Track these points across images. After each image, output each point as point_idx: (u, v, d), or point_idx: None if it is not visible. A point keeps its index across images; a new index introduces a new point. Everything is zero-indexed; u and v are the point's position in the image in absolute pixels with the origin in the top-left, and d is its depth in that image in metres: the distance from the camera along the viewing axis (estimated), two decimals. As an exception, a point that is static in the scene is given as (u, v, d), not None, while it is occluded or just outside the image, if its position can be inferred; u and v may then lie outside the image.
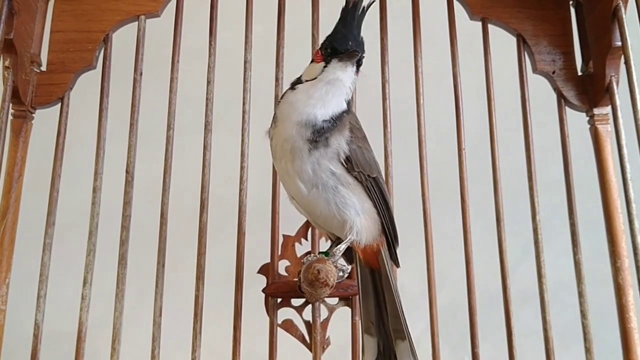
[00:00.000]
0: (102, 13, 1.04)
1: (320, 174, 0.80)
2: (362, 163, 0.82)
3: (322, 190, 0.80)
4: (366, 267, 0.88)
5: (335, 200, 0.81)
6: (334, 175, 0.80)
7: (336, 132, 0.80)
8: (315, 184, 0.80)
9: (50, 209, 0.96)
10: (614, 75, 0.97)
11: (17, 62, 0.93)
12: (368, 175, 0.82)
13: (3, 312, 0.92)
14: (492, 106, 1.03)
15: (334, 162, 0.80)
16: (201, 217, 0.98)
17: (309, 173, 0.80)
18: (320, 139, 0.79)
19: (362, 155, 0.82)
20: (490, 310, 0.96)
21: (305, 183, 0.81)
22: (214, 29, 1.05)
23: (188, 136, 1.04)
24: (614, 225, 0.95)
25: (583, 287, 0.95)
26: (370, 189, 0.83)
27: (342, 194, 0.81)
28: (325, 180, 0.80)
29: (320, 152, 0.79)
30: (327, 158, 0.80)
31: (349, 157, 0.81)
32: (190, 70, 1.08)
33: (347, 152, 0.80)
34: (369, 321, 0.87)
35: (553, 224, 0.99)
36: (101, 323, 0.97)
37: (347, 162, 0.81)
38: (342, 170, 0.81)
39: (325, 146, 0.79)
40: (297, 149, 0.80)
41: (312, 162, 0.79)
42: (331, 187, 0.80)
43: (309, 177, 0.80)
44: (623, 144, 0.92)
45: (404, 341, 0.85)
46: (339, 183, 0.81)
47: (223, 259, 1.00)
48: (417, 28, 1.06)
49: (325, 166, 0.80)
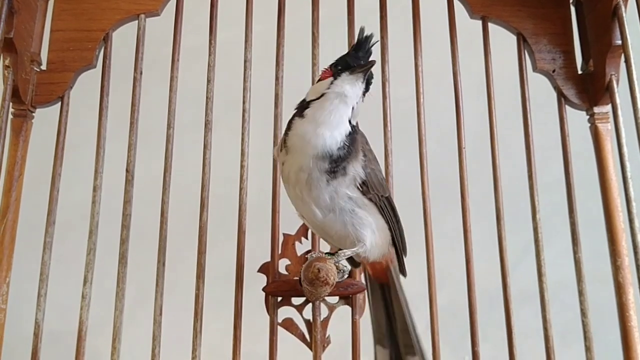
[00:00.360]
0: (102, 12, 1.03)
1: (338, 200, 0.81)
2: (376, 185, 0.83)
3: (339, 214, 0.81)
4: (376, 283, 0.89)
5: (353, 222, 0.82)
6: (351, 199, 0.81)
7: (352, 158, 0.80)
8: (332, 209, 0.81)
9: (51, 208, 0.96)
10: (614, 73, 0.97)
11: (17, 61, 0.93)
12: (382, 196, 0.84)
13: (3, 311, 0.92)
14: (492, 105, 1.03)
15: (351, 187, 0.81)
16: (201, 216, 0.98)
17: (327, 201, 0.81)
18: (339, 169, 0.79)
19: (375, 177, 0.83)
20: (490, 310, 0.96)
21: (322, 209, 0.81)
22: (214, 28, 1.05)
23: (188, 135, 1.04)
24: (614, 224, 0.95)
25: (583, 286, 0.95)
26: (383, 208, 0.84)
27: (360, 215, 0.82)
28: (343, 205, 0.81)
29: (339, 181, 0.80)
30: (345, 185, 0.80)
31: (365, 182, 0.81)
32: (190, 69, 1.08)
33: (364, 176, 0.81)
34: (380, 333, 0.88)
35: (553, 223, 0.99)
36: (101, 322, 0.97)
37: (362, 186, 0.82)
38: (359, 194, 0.82)
39: (344, 175, 0.80)
40: (314, 179, 0.79)
41: (330, 191, 0.80)
42: (348, 210, 0.81)
43: (326, 204, 0.81)
44: (623, 143, 0.92)
45: (414, 357, 0.86)
46: (356, 206, 0.81)
47: (223, 258, 1.00)
48: (417, 27, 1.06)
49: (343, 193, 0.80)
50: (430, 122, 1.03)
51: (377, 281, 0.89)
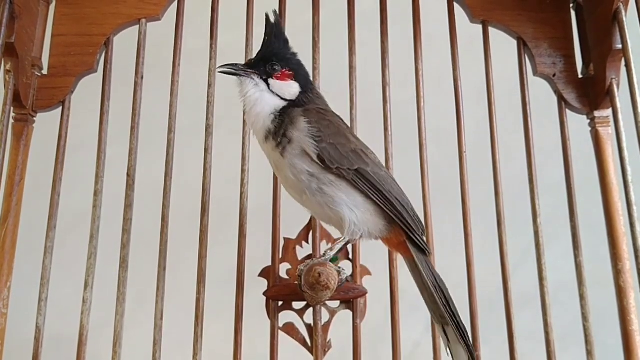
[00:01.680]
0: (103, 17, 1.04)
1: (299, 176, 0.84)
2: (337, 159, 0.84)
3: (311, 195, 0.84)
4: (406, 257, 0.89)
5: (326, 202, 0.84)
6: (313, 176, 0.84)
7: (289, 124, 0.85)
8: (302, 189, 0.85)
9: (52, 212, 0.96)
10: (615, 77, 0.97)
11: (19, 65, 0.94)
12: (348, 169, 0.84)
13: (5, 316, 0.92)
14: (492, 109, 1.03)
15: (307, 162, 0.84)
16: (202, 220, 0.98)
17: (292, 178, 0.85)
18: (280, 137, 0.85)
19: (335, 151, 0.84)
20: (489, 313, 0.96)
21: (295, 190, 0.86)
22: (214, 32, 1.05)
23: (189, 139, 1.04)
24: (615, 228, 0.95)
25: (584, 290, 0.95)
26: (356, 182, 0.84)
27: (329, 193, 0.84)
28: (308, 183, 0.84)
29: (289, 151, 0.84)
30: (297, 156, 0.84)
31: (321, 156, 0.83)
32: (191, 73, 1.08)
33: (317, 150, 0.83)
34: (430, 309, 0.88)
35: (552, 227, 0.99)
36: (101, 326, 0.97)
37: (321, 162, 0.83)
38: (319, 170, 0.84)
39: (289, 142, 0.84)
40: (276, 160, 0.86)
41: (289, 165, 0.84)
42: (315, 189, 0.84)
43: (294, 183, 0.85)
44: (624, 147, 0.92)
45: (448, 327, 0.85)
46: (321, 183, 0.84)
47: (223, 262, 1.00)
48: (417, 31, 1.06)
49: (301, 167, 0.84)
50: (430, 126, 1.03)
51: (406, 257, 0.89)
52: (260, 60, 0.90)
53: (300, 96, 0.90)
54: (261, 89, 0.89)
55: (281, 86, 0.89)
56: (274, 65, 0.89)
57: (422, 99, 1.03)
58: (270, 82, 0.89)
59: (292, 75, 0.90)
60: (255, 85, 0.89)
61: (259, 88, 0.89)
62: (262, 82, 0.89)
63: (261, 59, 0.90)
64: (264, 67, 0.90)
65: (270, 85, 0.89)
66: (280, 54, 0.91)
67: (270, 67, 0.89)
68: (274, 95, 0.89)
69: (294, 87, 0.90)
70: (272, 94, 0.89)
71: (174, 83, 1.03)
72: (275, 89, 0.89)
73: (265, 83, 0.89)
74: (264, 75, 0.89)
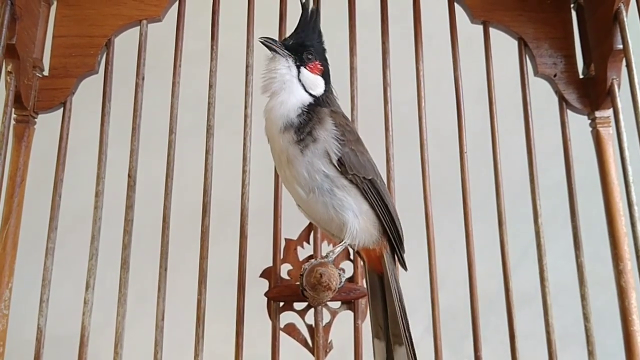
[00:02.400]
0: (104, 18, 1.04)
1: (314, 175, 0.82)
2: (356, 165, 0.83)
3: (319, 194, 0.82)
4: (373, 272, 0.89)
5: (333, 204, 0.83)
6: (328, 177, 0.82)
7: (316, 124, 0.83)
8: (311, 187, 0.82)
9: (53, 213, 0.96)
10: (616, 78, 0.97)
11: (20, 67, 0.94)
12: (364, 178, 0.84)
13: (6, 317, 0.92)
14: (493, 109, 1.03)
15: (325, 163, 0.82)
16: (203, 221, 0.98)
17: (305, 176, 0.82)
18: (305, 135, 0.82)
19: (355, 158, 0.83)
20: (488, 313, 0.96)
21: (303, 187, 0.83)
22: (215, 33, 1.05)
23: (190, 140, 1.04)
24: (616, 228, 0.95)
25: (585, 290, 0.95)
26: (366, 191, 0.84)
27: (339, 196, 0.83)
28: (320, 183, 0.82)
29: (312, 150, 0.82)
30: (318, 156, 0.82)
31: (342, 160, 0.82)
32: (192, 75, 1.08)
33: (339, 154, 0.82)
34: (377, 325, 0.88)
35: (551, 228, 0.99)
36: (101, 326, 0.97)
37: (340, 165, 0.82)
38: (336, 173, 0.83)
39: (314, 142, 0.82)
40: (291, 155, 0.82)
41: (306, 163, 0.82)
42: (327, 190, 0.82)
43: (306, 181, 0.82)
44: (625, 147, 0.92)
45: (401, 346, 0.85)
46: (334, 186, 0.82)
47: (224, 263, 1.00)
48: (418, 31, 1.06)
49: (318, 167, 0.82)
50: (429, 126, 1.03)
51: (374, 271, 0.88)
52: (296, 44, 0.87)
53: (324, 95, 0.88)
54: (292, 73, 0.86)
55: (310, 78, 0.87)
56: (309, 55, 0.87)
57: (422, 99, 1.03)
58: (302, 71, 0.87)
59: (322, 70, 0.89)
60: (287, 68, 0.86)
61: (290, 72, 0.86)
62: (295, 68, 0.86)
63: (298, 45, 0.87)
64: (300, 53, 0.87)
65: (300, 74, 0.87)
66: (316, 45, 0.88)
67: (306, 55, 0.87)
68: (300, 86, 0.86)
69: (321, 84, 0.88)
70: (299, 84, 0.86)
71: (175, 84, 1.03)
72: (303, 79, 0.86)
73: (297, 69, 0.87)
74: (298, 62, 0.87)
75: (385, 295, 0.87)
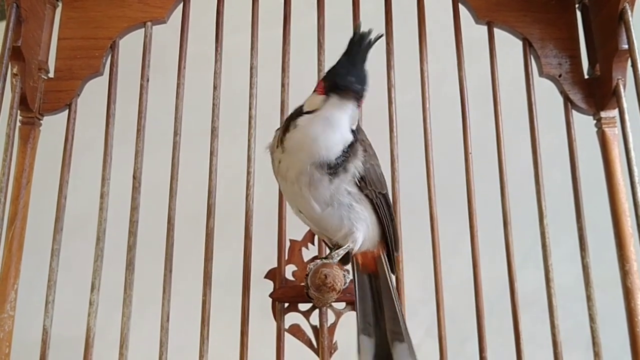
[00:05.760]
0: (109, 20, 1.04)
1: (337, 196, 0.83)
2: (374, 181, 0.85)
3: (337, 208, 0.83)
4: (364, 272, 0.89)
5: (350, 216, 0.84)
6: (350, 194, 0.83)
7: (352, 157, 0.81)
8: (330, 203, 0.83)
9: (58, 215, 0.97)
10: (621, 78, 0.96)
11: (25, 69, 0.94)
12: (379, 192, 0.85)
13: (12, 318, 0.92)
14: (498, 110, 1.02)
15: (350, 183, 0.83)
16: (208, 223, 0.98)
17: (327, 197, 0.82)
18: (339, 170, 0.81)
19: (374, 173, 0.85)
20: (489, 316, 0.95)
21: (321, 204, 0.83)
22: (220, 35, 1.05)
23: (194, 142, 1.04)
24: (622, 229, 0.95)
25: (591, 291, 0.94)
26: (378, 205, 0.86)
27: (357, 209, 0.84)
28: (341, 199, 0.83)
29: (341, 179, 0.82)
30: (346, 182, 0.82)
31: (363, 177, 0.83)
32: (196, 76, 1.08)
33: (363, 172, 0.83)
34: (366, 322, 0.88)
35: (553, 230, 0.98)
36: (105, 328, 0.97)
37: (361, 182, 0.83)
38: (357, 189, 0.84)
39: (345, 172, 0.82)
40: (316, 180, 0.81)
41: (332, 189, 0.82)
42: (346, 204, 0.83)
43: (325, 200, 0.82)
44: (630, 147, 0.92)
45: (402, 343, 0.85)
46: (354, 200, 0.84)
47: (229, 264, 1.00)
48: (422, 32, 1.06)
49: (343, 189, 0.82)
50: (433, 128, 1.03)
51: (365, 271, 0.90)
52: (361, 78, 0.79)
53: None
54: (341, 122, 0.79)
55: (355, 115, 0.81)
56: (363, 93, 0.79)
57: (427, 100, 1.03)
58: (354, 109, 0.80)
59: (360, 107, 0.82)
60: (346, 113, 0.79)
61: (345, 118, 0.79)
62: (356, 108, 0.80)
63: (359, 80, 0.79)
64: None
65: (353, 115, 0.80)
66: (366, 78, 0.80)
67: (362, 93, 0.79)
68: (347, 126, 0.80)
69: None
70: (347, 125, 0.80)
71: (180, 86, 1.03)
72: (352, 119, 0.81)
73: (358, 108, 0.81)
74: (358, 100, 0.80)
75: (375, 294, 0.88)
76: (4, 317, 0.91)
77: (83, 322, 0.93)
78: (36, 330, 0.93)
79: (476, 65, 1.06)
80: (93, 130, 1.04)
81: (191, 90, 1.04)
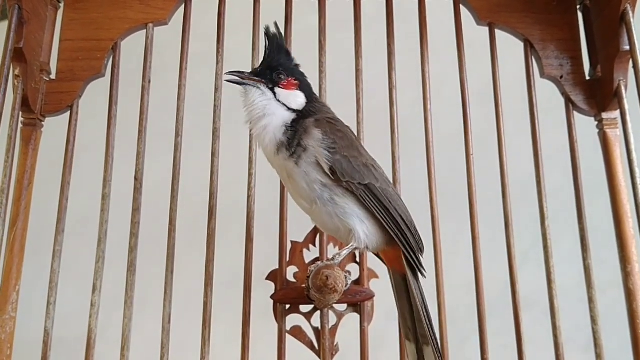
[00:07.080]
0: (111, 21, 1.04)
1: (312, 185, 0.84)
2: (349, 172, 0.84)
3: (322, 204, 0.84)
4: (397, 273, 0.89)
5: (336, 212, 0.84)
6: (326, 187, 0.84)
7: (303, 134, 0.85)
8: (313, 199, 0.85)
9: (60, 216, 0.97)
10: (622, 79, 0.96)
11: (27, 70, 0.94)
12: (359, 184, 0.84)
13: (13, 319, 0.92)
14: (499, 111, 1.02)
15: (319, 172, 0.84)
16: (209, 224, 0.98)
17: (305, 187, 0.84)
18: (295, 147, 0.84)
19: (348, 165, 0.84)
20: (489, 317, 0.95)
21: (305, 199, 0.86)
22: (221, 36, 1.05)
23: (196, 143, 1.04)
24: (624, 230, 0.95)
25: (593, 293, 0.94)
26: (363, 198, 0.84)
27: (340, 204, 0.84)
28: (320, 193, 0.84)
29: (304, 160, 0.84)
30: (312, 165, 0.84)
31: (333, 169, 0.83)
32: (197, 77, 1.08)
33: (330, 162, 0.83)
34: (406, 327, 0.89)
35: (555, 230, 0.98)
36: (105, 328, 0.97)
37: (332, 174, 0.83)
38: (331, 182, 0.84)
39: (304, 150, 0.84)
40: (290, 169, 0.85)
41: (303, 174, 0.84)
42: (327, 200, 0.84)
43: (306, 192, 0.85)
44: (632, 149, 0.92)
45: (428, 346, 0.86)
46: (334, 194, 0.84)
47: (230, 265, 1.00)
48: (424, 33, 1.06)
49: (314, 177, 0.84)
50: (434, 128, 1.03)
51: (397, 272, 0.89)
52: (264, 69, 0.90)
53: (307, 106, 0.90)
54: (268, 97, 0.89)
55: (287, 95, 0.89)
56: (280, 74, 0.89)
57: (428, 100, 1.03)
58: (277, 91, 0.89)
59: (297, 84, 0.90)
60: (262, 94, 0.89)
61: (266, 97, 0.89)
62: (269, 91, 0.89)
63: (266, 68, 0.90)
64: (270, 75, 0.89)
65: (276, 94, 0.89)
66: (284, 64, 0.91)
67: (276, 75, 0.89)
68: (281, 105, 0.88)
69: (300, 96, 0.90)
70: (279, 103, 0.88)
71: (181, 87, 1.03)
72: (281, 98, 0.89)
73: (271, 92, 0.89)
74: (270, 84, 0.89)
75: (409, 297, 0.87)
76: (6, 318, 0.91)
77: (84, 323, 0.93)
78: (38, 332, 0.93)
79: (477, 67, 1.06)
80: (95, 131, 1.04)
81: (193, 91, 1.04)
